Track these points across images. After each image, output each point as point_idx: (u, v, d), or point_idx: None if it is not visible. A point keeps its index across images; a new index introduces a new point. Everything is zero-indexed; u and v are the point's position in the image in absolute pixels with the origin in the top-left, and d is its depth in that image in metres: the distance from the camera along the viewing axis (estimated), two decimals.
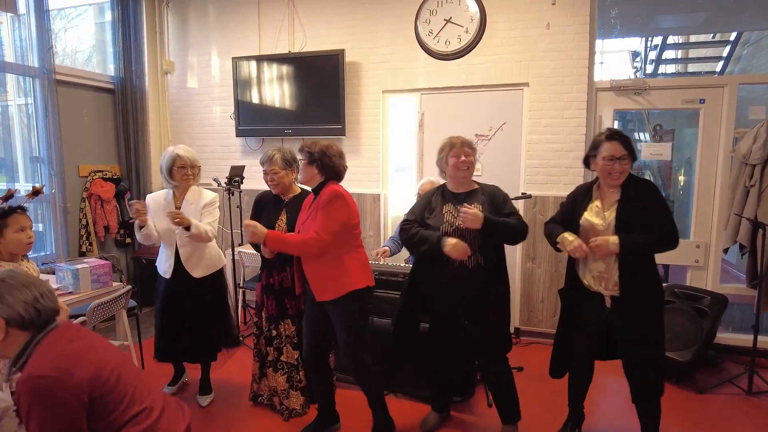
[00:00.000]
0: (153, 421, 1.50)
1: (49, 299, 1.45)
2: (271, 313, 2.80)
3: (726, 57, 5.60)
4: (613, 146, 2.20)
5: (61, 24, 4.94)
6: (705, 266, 3.79)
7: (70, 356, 1.40)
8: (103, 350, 1.51)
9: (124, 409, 1.45)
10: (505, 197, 2.47)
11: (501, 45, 3.93)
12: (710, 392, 3.16)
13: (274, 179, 2.70)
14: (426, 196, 2.59)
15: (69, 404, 1.34)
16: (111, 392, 1.43)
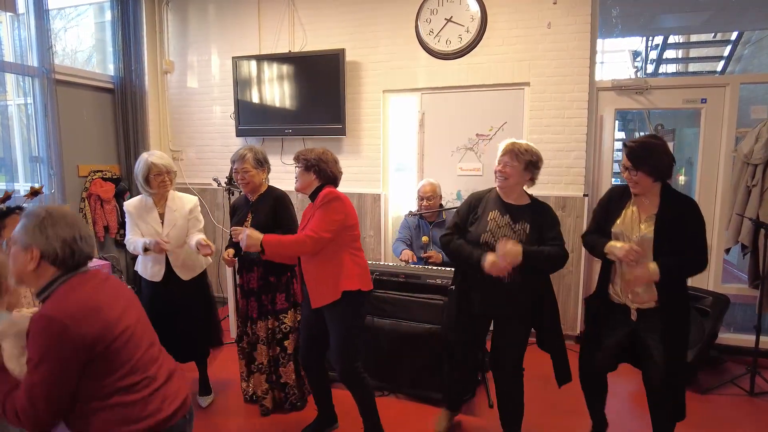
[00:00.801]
0: (150, 392, 1.47)
1: (86, 244, 1.46)
2: (243, 313, 2.86)
3: (727, 57, 5.59)
4: (623, 156, 2.21)
5: (60, 24, 4.94)
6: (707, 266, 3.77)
7: (85, 307, 1.39)
8: (121, 308, 1.49)
9: (122, 376, 1.42)
10: (554, 221, 2.35)
11: (502, 44, 3.92)
12: (712, 393, 3.15)
13: (245, 178, 2.70)
14: (473, 198, 2.49)
15: (66, 354, 1.33)
16: (114, 355, 1.41)
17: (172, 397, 1.53)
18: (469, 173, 4.13)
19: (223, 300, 4.45)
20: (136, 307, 1.59)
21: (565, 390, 2.53)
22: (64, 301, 1.39)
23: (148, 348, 1.53)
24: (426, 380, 2.98)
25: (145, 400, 1.46)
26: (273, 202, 2.74)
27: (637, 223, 2.20)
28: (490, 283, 2.31)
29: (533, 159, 2.31)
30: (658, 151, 2.14)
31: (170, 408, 1.50)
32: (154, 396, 1.48)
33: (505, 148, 2.34)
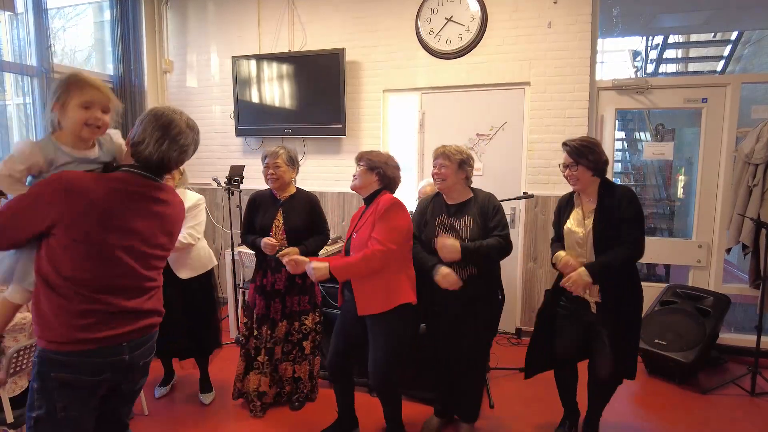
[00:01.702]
0: (92, 321, 1.46)
1: (174, 162, 1.57)
2: (258, 314, 2.82)
3: (727, 56, 5.59)
4: (564, 155, 2.35)
5: (59, 23, 4.92)
6: (707, 266, 3.77)
7: (102, 195, 1.45)
8: (140, 230, 1.53)
9: (77, 288, 1.43)
10: (496, 208, 2.42)
11: (502, 44, 3.91)
12: (713, 393, 3.14)
13: (276, 173, 2.70)
14: (422, 205, 2.58)
15: (45, 201, 1.40)
16: (84, 254, 1.43)
17: (107, 326, 1.48)
18: None
19: (223, 300, 4.43)
20: (159, 241, 1.60)
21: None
22: (99, 179, 1.48)
23: (130, 287, 1.53)
24: (422, 380, 2.97)
25: (73, 309, 1.44)
26: (309, 205, 2.75)
27: (582, 220, 2.33)
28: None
29: (464, 158, 2.42)
30: (594, 147, 2.28)
31: (101, 332, 1.47)
32: (90, 308, 1.46)
33: (437, 152, 2.44)
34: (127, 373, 1.57)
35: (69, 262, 1.43)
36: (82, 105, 1.49)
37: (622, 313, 2.28)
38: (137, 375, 1.63)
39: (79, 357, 1.45)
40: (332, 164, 4.51)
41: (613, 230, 2.22)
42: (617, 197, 2.24)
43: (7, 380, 1.95)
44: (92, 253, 1.45)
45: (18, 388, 2.02)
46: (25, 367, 2.01)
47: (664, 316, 3.41)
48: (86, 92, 1.51)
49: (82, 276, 1.44)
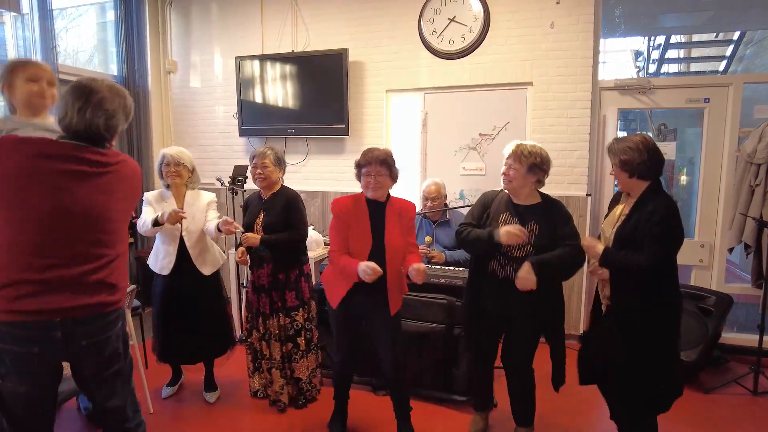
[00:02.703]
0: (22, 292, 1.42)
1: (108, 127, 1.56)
2: (255, 309, 2.90)
3: (729, 56, 5.59)
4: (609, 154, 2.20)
5: (62, 24, 4.93)
6: (709, 266, 3.78)
7: (23, 155, 1.44)
8: (73, 194, 1.48)
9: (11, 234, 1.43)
10: (567, 217, 2.33)
11: (505, 44, 3.93)
12: (715, 392, 3.15)
13: (264, 173, 2.75)
14: (487, 198, 2.50)
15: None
16: (7, 225, 1.43)
17: (36, 298, 1.43)
18: (472, 173, 4.13)
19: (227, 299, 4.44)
20: (112, 208, 1.56)
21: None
22: (41, 140, 1.49)
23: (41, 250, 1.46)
24: (429, 379, 2.99)
25: (5, 275, 1.42)
26: (285, 202, 2.78)
27: (614, 221, 2.20)
28: (497, 281, 2.35)
29: (537, 161, 2.28)
30: (627, 149, 2.08)
31: (24, 305, 1.41)
32: (18, 278, 1.42)
33: (510, 150, 2.35)
34: (64, 350, 1.50)
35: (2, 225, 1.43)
36: (28, 79, 1.69)
37: (633, 338, 2.08)
38: (85, 356, 1.53)
39: (8, 327, 1.42)
40: (335, 164, 4.53)
41: (636, 240, 2.05)
42: (649, 210, 2.04)
43: None
44: (13, 218, 1.43)
45: None
46: None
47: None
48: (30, 68, 1.69)
49: (11, 240, 1.42)
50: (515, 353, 2.46)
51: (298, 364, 2.90)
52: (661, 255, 2.03)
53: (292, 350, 2.88)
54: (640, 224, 2.05)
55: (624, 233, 2.10)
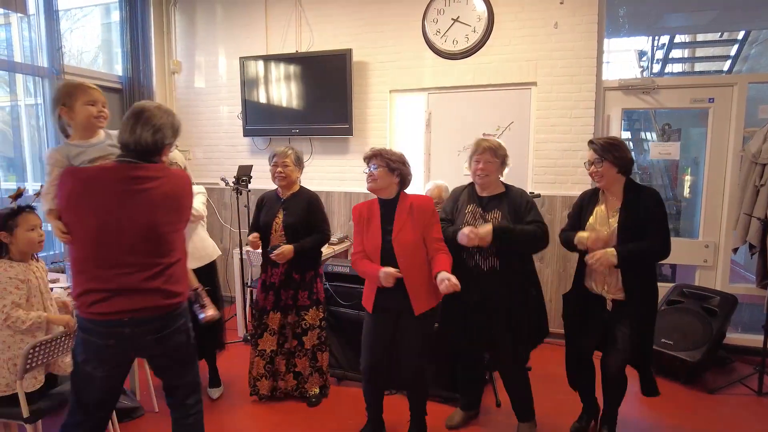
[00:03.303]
0: (86, 281, 1.68)
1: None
2: (266, 306, 2.90)
3: (734, 56, 5.57)
4: (589, 153, 2.36)
5: (66, 24, 4.96)
6: (714, 266, 3.78)
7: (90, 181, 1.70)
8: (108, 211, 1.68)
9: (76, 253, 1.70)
10: (529, 203, 2.45)
11: (509, 44, 3.93)
12: (720, 393, 3.15)
13: (284, 172, 2.78)
14: (455, 193, 2.64)
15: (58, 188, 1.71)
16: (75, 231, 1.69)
17: (106, 306, 1.68)
18: None
19: (231, 299, 4.47)
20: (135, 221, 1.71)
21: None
22: (92, 167, 1.76)
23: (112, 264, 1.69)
24: (434, 377, 2.99)
25: (80, 283, 1.70)
26: (307, 203, 2.80)
27: (606, 218, 2.35)
28: (466, 269, 2.42)
29: (506, 153, 2.49)
30: (620, 146, 2.32)
31: (92, 308, 1.68)
32: (91, 288, 1.68)
33: (483, 146, 2.45)
34: (133, 344, 1.75)
35: (72, 242, 1.70)
36: (87, 103, 1.82)
37: (639, 311, 2.32)
38: (151, 347, 1.79)
39: (90, 324, 1.71)
40: (339, 164, 4.54)
41: (639, 230, 2.24)
42: (644, 197, 2.28)
43: (24, 376, 1.99)
44: (76, 236, 1.68)
45: (37, 383, 2.05)
46: (42, 362, 2.04)
47: (671, 315, 3.41)
48: (90, 93, 1.84)
49: (80, 255, 1.69)
50: (498, 348, 2.51)
51: (300, 360, 2.93)
52: (666, 235, 2.26)
53: (296, 348, 2.91)
54: (640, 210, 2.25)
55: (629, 221, 2.26)
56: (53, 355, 2.10)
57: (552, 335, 3.90)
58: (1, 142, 3.83)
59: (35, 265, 2.14)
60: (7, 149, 3.98)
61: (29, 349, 1.96)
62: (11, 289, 2.00)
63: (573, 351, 2.56)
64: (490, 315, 2.45)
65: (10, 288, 2.00)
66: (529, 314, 2.47)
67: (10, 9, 3.74)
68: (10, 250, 2.06)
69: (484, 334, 2.51)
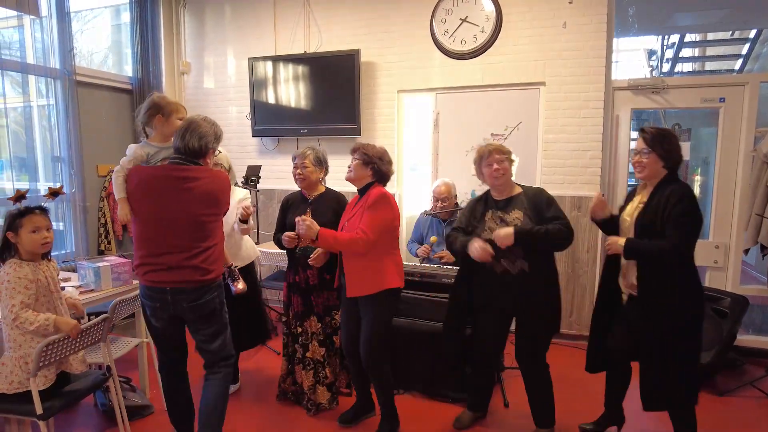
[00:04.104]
0: (144, 257, 2.15)
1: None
2: (297, 311, 2.87)
3: (745, 55, 5.51)
4: (638, 141, 2.26)
5: (77, 26, 5.01)
6: (724, 267, 3.74)
7: (148, 179, 2.16)
8: (161, 202, 2.12)
9: (137, 234, 2.17)
10: (549, 200, 2.42)
11: (517, 44, 3.92)
12: (731, 395, 3.12)
13: (303, 173, 2.79)
14: (472, 204, 2.63)
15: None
16: (137, 216, 2.16)
17: (151, 276, 2.16)
18: None
19: None
20: (183, 210, 2.13)
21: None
22: (149, 167, 2.21)
23: (163, 236, 2.13)
24: (440, 378, 3.00)
25: (138, 257, 2.18)
26: (336, 204, 2.82)
27: (633, 210, 2.27)
28: (495, 276, 2.41)
29: (509, 150, 2.50)
30: (672, 138, 2.20)
31: (141, 276, 2.19)
32: (138, 264, 2.18)
33: (489, 150, 2.45)
34: (173, 307, 2.18)
35: (134, 224, 2.19)
36: (178, 118, 2.26)
37: (664, 322, 2.15)
38: (187, 313, 2.20)
39: (144, 290, 2.23)
40: (347, 164, 4.52)
41: (657, 224, 2.11)
42: (667, 193, 2.13)
43: (36, 373, 2.01)
44: (138, 221, 2.16)
45: (48, 381, 2.07)
46: (54, 360, 2.07)
47: None
48: (181, 111, 2.31)
49: (140, 235, 2.17)
50: (520, 349, 2.51)
51: (329, 366, 2.91)
52: (682, 237, 2.08)
53: (327, 351, 2.89)
54: (661, 206, 2.11)
55: (645, 218, 2.17)
56: (65, 353, 2.12)
57: (562, 335, 3.91)
58: (13, 143, 3.88)
59: (46, 265, 2.16)
60: (19, 149, 4.03)
61: (42, 348, 1.99)
62: (20, 289, 2.00)
63: (595, 341, 2.46)
64: (519, 317, 2.44)
65: (19, 288, 2.00)
66: (553, 314, 2.46)
67: (23, 11, 3.78)
68: (19, 250, 2.07)
69: (503, 334, 2.52)
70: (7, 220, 2.07)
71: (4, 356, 2.09)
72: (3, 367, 2.05)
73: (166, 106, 2.26)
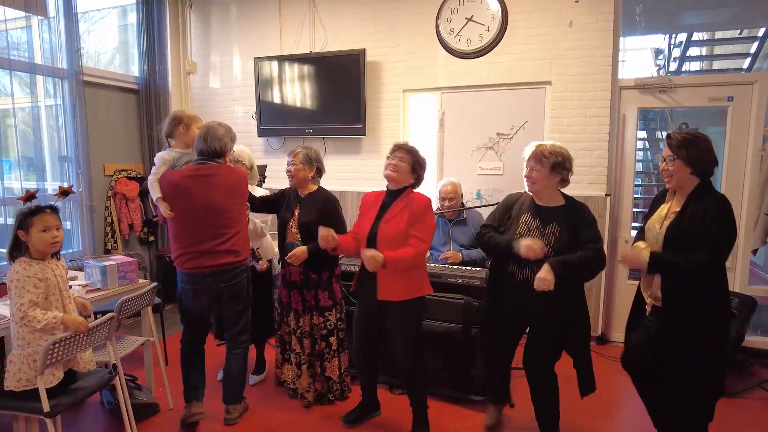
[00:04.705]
0: (182, 248, 2.54)
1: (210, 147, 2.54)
2: (284, 302, 3.00)
3: (754, 54, 5.46)
4: (665, 148, 2.14)
5: (84, 27, 5.04)
6: (732, 267, 3.71)
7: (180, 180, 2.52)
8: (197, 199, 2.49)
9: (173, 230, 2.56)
10: (589, 219, 2.29)
11: (523, 43, 3.91)
12: (738, 396, 3.10)
13: (291, 171, 2.89)
14: (508, 201, 2.51)
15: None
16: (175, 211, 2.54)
17: (190, 263, 2.54)
18: (490, 172, 4.12)
19: None
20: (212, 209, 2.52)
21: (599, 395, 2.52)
22: (177, 172, 2.56)
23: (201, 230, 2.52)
24: (447, 379, 2.99)
25: (175, 251, 2.57)
26: (323, 204, 2.87)
27: (662, 219, 2.13)
28: (518, 284, 2.34)
29: (558, 160, 2.27)
30: (699, 143, 2.04)
31: (181, 265, 2.56)
32: (177, 254, 2.56)
33: (530, 153, 2.33)
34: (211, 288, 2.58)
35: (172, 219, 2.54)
36: (196, 127, 2.66)
37: (686, 343, 2.04)
38: (222, 293, 2.60)
39: (185, 275, 2.60)
40: (352, 164, 4.55)
41: (689, 240, 1.98)
42: (705, 204, 1.99)
43: (44, 371, 2.03)
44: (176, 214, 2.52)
45: (55, 379, 2.09)
46: (61, 358, 2.08)
47: None
48: (199, 122, 2.70)
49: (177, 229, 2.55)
50: (533, 356, 2.45)
51: (329, 364, 2.94)
52: (717, 252, 1.98)
53: (324, 349, 2.92)
54: (696, 219, 1.98)
55: (678, 229, 2.03)
56: (73, 351, 2.13)
57: None
58: (21, 143, 3.90)
59: (55, 264, 2.17)
60: (27, 149, 4.06)
61: (50, 346, 2.00)
62: (29, 287, 2.02)
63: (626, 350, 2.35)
64: (542, 322, 2.36)
65: (28, 286, 2.02)
66: (583, 323, 2.37)
67: (31, 12, 3.81)
68: (29, 248, 2.09)
69: (519, 334, 2.51)
70: (18, 218, 2.09)
71: (12, 353, 2.10)
72: (11, 364, 2.07)
73: (187, 118, 2.68)
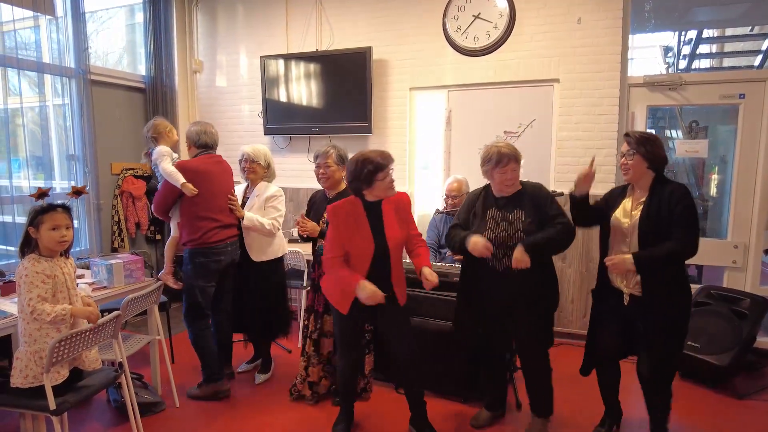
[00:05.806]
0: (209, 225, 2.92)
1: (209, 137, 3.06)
2: (308, 305, 2.98)
3: (765, 51, 5.39)
4: (623, 144, 2.36)
5: (92, 26, 5.06)
6: (744, 267, 3.66)
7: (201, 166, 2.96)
8: (217, 182, 2.99)
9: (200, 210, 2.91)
10: (548, 196, 2.45)
11: (531, 41, 3.87)
12: (750, 398, 3.05)
13: (326, 173, 2.75)
14: (470, 199, 2.60)
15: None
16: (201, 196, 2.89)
17: (220, 234, 2.96)
18: None
19: None
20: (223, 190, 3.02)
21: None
22: (194, 161, 3.00)
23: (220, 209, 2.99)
24: (449, 377, 2.98)
25: (206, 227, 2.91)
26: None
27: (630, 211, 2.32)
28: (500, 274, 2.40)
29: (520, 152, 2.48)
30: (655, 141, 2.28)
31: (212, 238, 2.92)
32: (210, 228, 2.92)
33: (504, 155, 2.39)
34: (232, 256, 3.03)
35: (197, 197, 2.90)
36: (176, 134, 3.15)
37: (666, 315, 2.24)
38: (236, 258, 3.06)
39: (207, 249, 2.92)
40: None
41: (661, 225, 2.19)
42: (668, 191, 2.22)
43: (50, 369, 2.03)
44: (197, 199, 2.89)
45: (61, 377, 2.09)
46: (67, 356, 2.08)
47: (698, 317, 3.31)
48: (174, 129, 3.14)
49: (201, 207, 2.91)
50: (522, 345, 2.52)
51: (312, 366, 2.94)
52: (693, 237, 2.17)
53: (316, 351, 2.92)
54: (663, 207, 2.19)
55: (649, 221, 2.21)
56: (78, 349, 2.13)
57: (574, 336, 3.87)
58: (30, 142, 3.93)
59: (63, 261, 2.18)
60: (35, 148, 4.08)
61: (55, 343, 2.00)
62: (38, 283, 2.04)
63: (590, 344, 2.52)
64: (521, 310, 2.43)
65: (36, 282, 2.04)
66: (552, 302, 2.50)
67: (39, 12, 3.83)
68: (38, 245, 2.10)
69: (505, 327, 2.51)
70: (30, 215, 2.11)
71: (19, 350, 2.11)
72: (18, 361, 2.08)
73: (169, 126, 3.10)
